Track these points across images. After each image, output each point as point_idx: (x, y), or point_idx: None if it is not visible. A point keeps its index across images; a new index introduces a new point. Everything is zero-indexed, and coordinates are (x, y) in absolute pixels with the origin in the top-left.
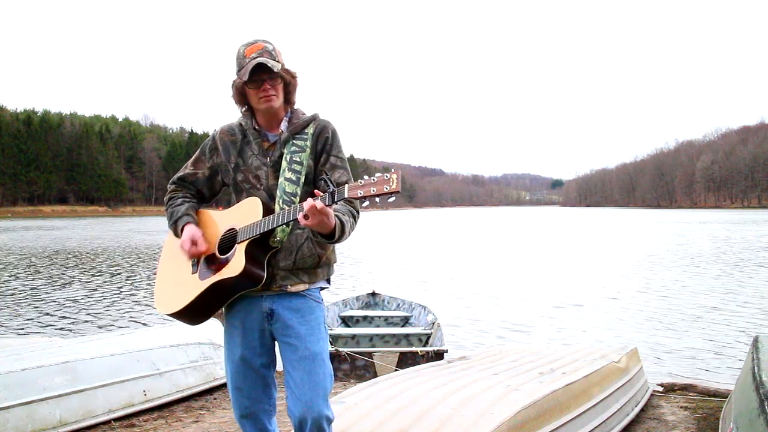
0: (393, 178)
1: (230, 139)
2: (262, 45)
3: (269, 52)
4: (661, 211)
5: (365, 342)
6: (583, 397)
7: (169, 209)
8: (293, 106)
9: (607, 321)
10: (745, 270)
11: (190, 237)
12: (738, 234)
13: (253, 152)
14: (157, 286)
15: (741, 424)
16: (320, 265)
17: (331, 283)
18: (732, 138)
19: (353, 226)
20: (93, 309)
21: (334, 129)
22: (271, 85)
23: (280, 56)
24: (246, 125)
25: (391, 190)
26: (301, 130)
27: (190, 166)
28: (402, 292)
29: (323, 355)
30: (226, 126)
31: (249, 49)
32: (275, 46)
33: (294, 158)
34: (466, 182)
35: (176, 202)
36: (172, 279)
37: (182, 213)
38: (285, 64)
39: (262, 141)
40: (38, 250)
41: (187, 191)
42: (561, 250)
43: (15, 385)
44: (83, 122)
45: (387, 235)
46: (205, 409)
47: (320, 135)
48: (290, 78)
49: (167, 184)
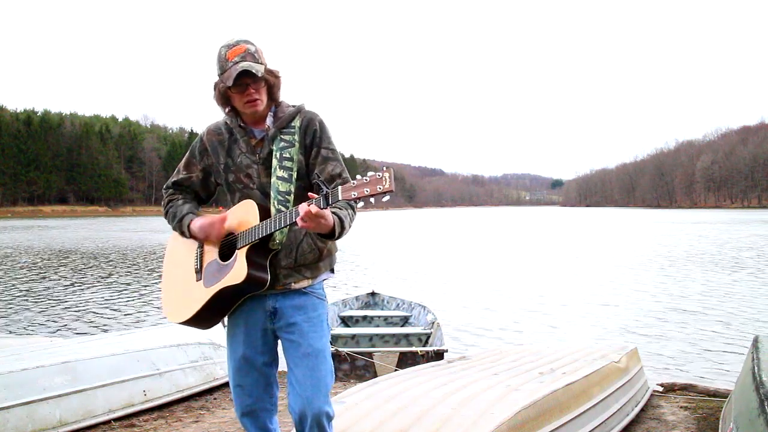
0: (386, 176)
1: (218, 139)
2: (245, 47)
3: (252, 54)
4: (661, 211)
5: (365, 342)
6: (583, 397)
7: (171, 211)
8: (278, 102)
9: (607, 321)
10: (746, 270)
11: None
12: (738, 234)
13: (241, 150)
14: (164, 295)
15: (741, 424)
16: (321, 259)
17: (332, 279)
18: (732, 138)
19: (352, 217)
20: (93, 309)
21: (321, 120)
22: (255, 89)
23: (262, 57)
24: (232, 123)
25: (384, 189)
26: (287, 123)
27: (183, 170)
28: (402, 291)
29: (325, 352)
30: (212, 125)
31: (231, 52)
32: (257, 47)
33: (284, 155)
34: (466, 182)
35: (177, 203)
36: (178, 287)
37: (186, 211)
38: (267, 65)
39: (249, 138)
40: (38, 250)
41: (186, 194)
42: (561, 250)
43: (15, 385)
44: (83, 122)
45: (387, 235)
46: (205, 409)
47: (308, 128)
48: (274, 79)
49: (162, 189)
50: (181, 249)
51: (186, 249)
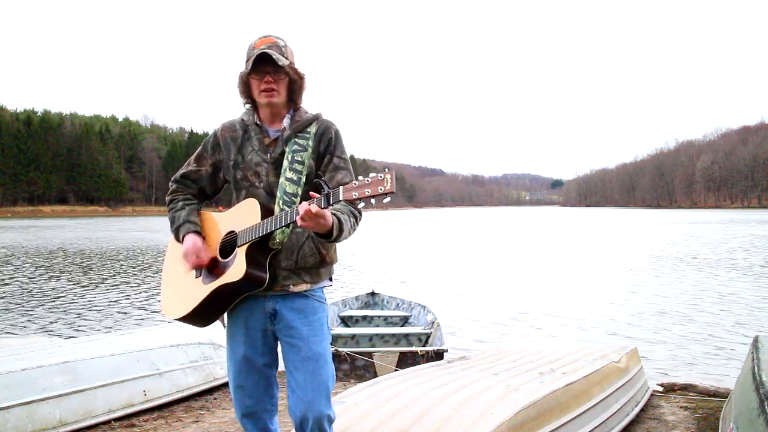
0: (387, 178)
1: (231, 135)
2: (274, 39)
3: (279, 47)
4: (661, 211)
5: (365, 342)
6: (583, 397)
7: (170, 213)
8: (297, 105)
9: (607, 321)
10: (746, 270)
11: (192, 250)
12: (739, 234)
13: (253, 148)
14: (163, 290)
15: (741, 424)
16: (322, 265)
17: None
18: (732, 138)
19: (353, 226)
20: (93, 309)
21: (337, 130)
22: (273, 78)
23: (290, 54)
24: (248, 120)
25: (386, 190)
26: (303, 128)
27: (193, 163)
28: (401, 291)
29: (326, 356)
30: (227, 122)
31: (260, 41)
32: (287, 44)
33: (296, 158)
34: (466, 182)
35: (177, 206)
36: (177, 283)
37: (183, 220)
38: (294, 63)
39: (263, 137)
40: (38, 250)
41: (188, 191)
42: (561, 250)
43: (15, 385)
44: (83, 122)
45: (386, 235)
46: (205, 409)
47: (323, 135)
48: (297, 77)
49: (169, 182)
50: (180, 248)
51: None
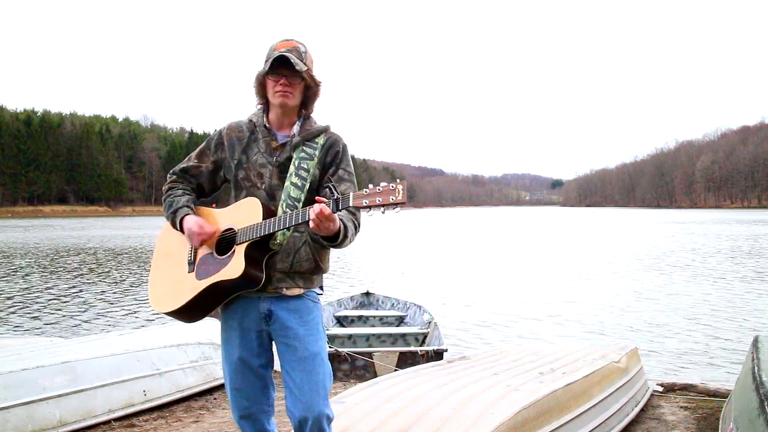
0: (399, 188)
1: (237, 135)
2: (295, 44)
3: (299, 51)
4: (661, 211)
5: (362, 342)
6: (583, 397)
7: (168, 199)
8: (309, 113)
9: (607, 321)
10: (746, 270)
11: (195, 226)
12: (739, 234)
13: (259, 150)
14: (151, 283)
15: (741, 424)
16: (315, 272)
17: (326, 280)
18: (732, 138)
19: (354, 234)
20: (93, 309)
21: (345, 144)
22: (289, 82)
23: (309, 61)
24: (257, 122)
25: (396, 201)
26: (312, 138)
27: (195, 159)
28: (401, 291)
29: (322, 355)
30: (234, 122)
31: (280, 44)
32: (308, 51)
33: (302, 165)
34: (466, 182)
35: (176, 192)
36: (167, 277)
37: (182, 204)
38: (313, 70)
39: (270, 140)
40: (38, 250)
41: (187, 184)
42: (561, 250)
43: (15, 385)
44: (83, 122)
45: (386, 235)
46: (205, 409)
47: (331, 148)
48: (313, 84)
49: (167, 175)
50: (175, 239)
51: (180, 239)
